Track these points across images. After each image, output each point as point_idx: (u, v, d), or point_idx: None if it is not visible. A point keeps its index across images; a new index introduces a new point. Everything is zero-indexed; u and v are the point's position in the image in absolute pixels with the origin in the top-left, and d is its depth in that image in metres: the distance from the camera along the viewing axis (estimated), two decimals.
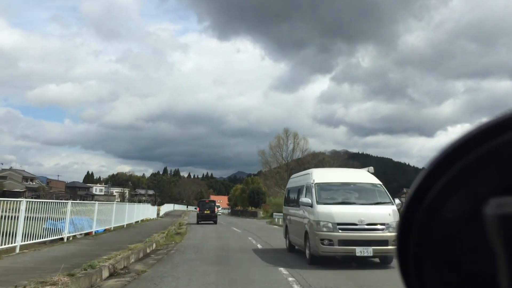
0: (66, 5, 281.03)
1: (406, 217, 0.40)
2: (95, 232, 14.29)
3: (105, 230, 16.19)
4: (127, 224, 20.08)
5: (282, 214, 29.17)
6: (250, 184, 54.94)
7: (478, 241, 0.36)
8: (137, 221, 23.44)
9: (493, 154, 0.35)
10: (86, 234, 13.68)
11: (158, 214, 35.02)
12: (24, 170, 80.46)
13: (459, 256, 0.38)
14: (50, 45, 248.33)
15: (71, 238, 11.86)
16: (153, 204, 41.15)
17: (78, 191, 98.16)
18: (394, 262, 6.55)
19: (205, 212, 28.17)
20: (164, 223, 23.39)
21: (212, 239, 14.91)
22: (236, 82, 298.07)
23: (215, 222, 27.53)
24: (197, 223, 27.08)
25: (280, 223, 26.58)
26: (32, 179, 78.91)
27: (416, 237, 0.40)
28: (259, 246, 12.63)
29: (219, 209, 42.57)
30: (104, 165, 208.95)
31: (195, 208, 32.30)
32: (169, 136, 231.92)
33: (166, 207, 47.39)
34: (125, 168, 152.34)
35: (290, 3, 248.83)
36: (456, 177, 0.37)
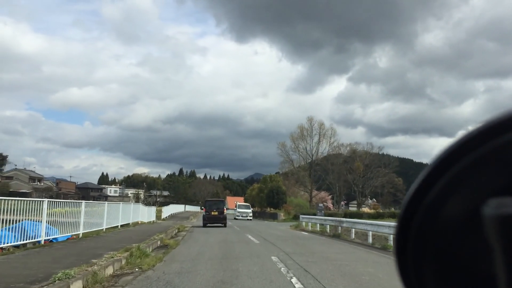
0: (87, 9, 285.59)
1: (405, 216, 0.39)
2: (52, 241, 10.91)
3: (70, 237, 12.33)
4: (107, 229, 15.47)
5: (312, 216, 23.14)
6: (268, 182, 48.67)
7: (477, 242, 0.36)
8: (126, 224, 17.95)
9: (492, 155, 0.35)
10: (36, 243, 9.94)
11: (159, 216, 29.52)
12: (31, 171, 77.10)
13: (458, 256, 0.38)
14: (72, 49, 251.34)
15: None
16: (153, 205, 35.62)
17: (91, 192, 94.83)
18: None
19: (213, 213, 23.27)
20: (155, 228, 17.66)
21: (212, 260, 8.87)
22: (253, 84, 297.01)
23: (224, 225, 23.31)
24: (204, 226, 22.87)
25: (311, 228, 20.82)
26: (40, 180, 75.46)
27: (415, 237, 0.39)
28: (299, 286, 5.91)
29: (249, 211, 38.17)
30: (122, 167, 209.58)
31: (201, 209, 26.82)
32: (186, 138, 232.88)
33: (173, 208, 41.71)
34: (143, 170, 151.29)
35: (306, 3, 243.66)
36: (456, 177, 0.37)
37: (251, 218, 37.90)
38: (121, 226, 17.54)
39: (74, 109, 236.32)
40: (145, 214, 22.26)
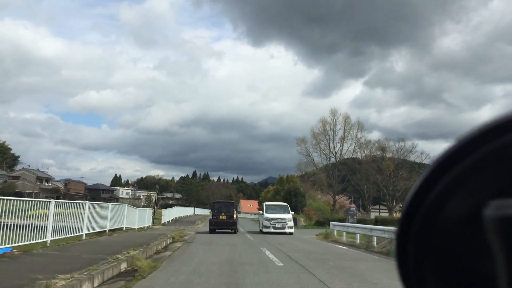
0: (105, 13, 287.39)
1: (406, 217, 0.39)
2: None
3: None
4: (87, 234, 12.29)
5: (349, 224, 17.78)
6: (285, 183, 43.70)
7: (477, 243, 0.36)
8: (102, 232, 13.68)
9: (493, 156, 0.35)
10: None
11: (158, 220, 25.17)
12: (38, 170, 74.51)
13: (458, 257, 0.38)
14: (90, 53, 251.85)
15: None
16: (152, 207, 31.37)
17: (102, 193, 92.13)
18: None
19: (221, 217, 19.87)
20: (138, 238, 13.17)
21: None
22: (269, 88, 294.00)
23: (234, 231, 19.99)
24: (210, 232, 19.77)
25: (346, 239, 15.05)
26: (48, 180, 72.73)
27: (415, 238, 0.39)
28: None
29: (288, 216, 20.36)
30: (138, 170, 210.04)
31: (209, 212, 22.71)
32: (201, 141, 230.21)
33: (178, 211, 37.13)
34: (158, 172, 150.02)
35: (322, 6, 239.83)
36: (457, 178, 0.37)
37: (291, 230, 20.85)
38: (98, 233, 13.24)
39: (92, 112, 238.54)
40: (135, 218, 17.83)
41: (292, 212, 22.13)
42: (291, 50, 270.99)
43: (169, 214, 28.29)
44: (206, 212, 72.20)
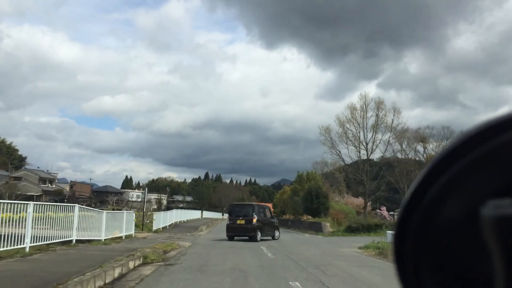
0: (121, 18, 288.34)
1: (403, 217, 0.39)
2: None
3: None
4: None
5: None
6: (305, 182, 37.85)
7: (475, 242, 0.36)
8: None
9: (491, 155, 0.35)
10: None
11: (149, 226, 19.91)
12: (42, 170, 70.77)
13: (456, 257, 0.38)
14: (106, 58, 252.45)
15: None
16: (141, 209, 26.22)
17: (110, 196, 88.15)
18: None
19: (239, 222, 17.34)
20: (73, 261, 7.72)
21: None
22: (281, 91, 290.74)
23: (254, 239, 16.97)
24: (229, 239, 17.29)
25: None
26: (51, 181, 68.87)
27: (413, 238, 0.39)
28: None
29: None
30: (151, 172, 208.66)
31: (223, 215, 19.19)
32: (214, 144, 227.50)
33: (179, 215, 31.65)
34: (171, 175, 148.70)
35: (334, 7, 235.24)
36: (454, 178, 0.37)
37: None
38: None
39: (106, 116, 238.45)
40: (100, 224, 12.45)
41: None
42: (304, 53, 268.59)
43: (165, 219, 22.91)
44: (217, 215, 66.32)
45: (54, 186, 69.31)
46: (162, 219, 21.96)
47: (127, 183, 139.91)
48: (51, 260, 7.68)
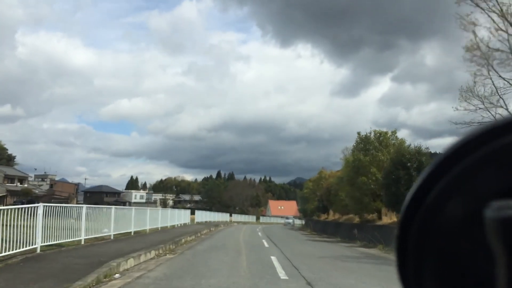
0: (135, 22, 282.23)
1: (406, 217, 0.39)
2: None
3: None
4: None
5: None
6: (377, 149, 23.59)
7: (478, 243, 0.36)
8: None
9: (494, 156, 0.35)
10: None
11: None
12: (14, 168, 59.72)
13: (458, 257, 0.38)
14: (121, 62, 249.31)
15: None
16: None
17: (105, 197, 76.72)
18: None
19: None
20: None
21: None
22: (296, 89, 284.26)
23: None
24: None
25: None
26: (22, 180, 57.32)
27: (415, 238, 0.39)
28: None
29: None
30: (167, 175, 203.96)
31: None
32: (229, 145, 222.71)
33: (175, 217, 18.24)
34: (187, 177, 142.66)
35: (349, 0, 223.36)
36: (457, 178, 0.37)
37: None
38: None
39: (123, 120, 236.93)
40: None
41: None
42: (318, 49, 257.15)
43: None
44: (223, 217, 49.45)
45: (27, 185, 57.89)
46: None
47: (132, 183, 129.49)
48: None
